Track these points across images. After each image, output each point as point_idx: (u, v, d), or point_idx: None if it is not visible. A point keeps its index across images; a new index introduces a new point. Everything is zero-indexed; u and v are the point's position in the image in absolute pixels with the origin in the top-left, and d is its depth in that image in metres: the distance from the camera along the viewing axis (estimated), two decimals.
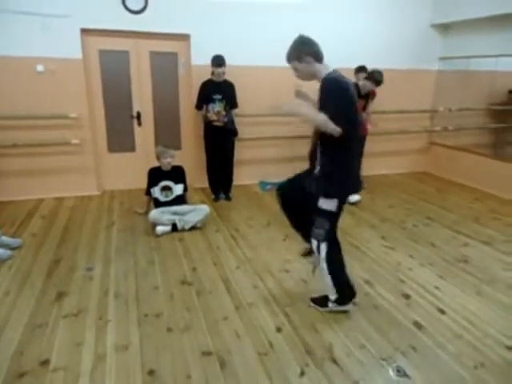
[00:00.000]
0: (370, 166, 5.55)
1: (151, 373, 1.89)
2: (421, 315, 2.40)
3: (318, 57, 2.21)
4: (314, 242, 2.30)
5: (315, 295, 2.49)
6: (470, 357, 2.05)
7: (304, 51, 2.18)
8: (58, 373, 1.88)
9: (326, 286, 2.36)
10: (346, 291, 2.37)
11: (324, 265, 2.29)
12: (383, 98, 5.19)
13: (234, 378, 1.87)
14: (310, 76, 2.23)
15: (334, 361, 2.00)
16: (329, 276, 2.31)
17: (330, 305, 2.40)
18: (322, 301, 2.44)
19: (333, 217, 2.24)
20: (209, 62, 4.09)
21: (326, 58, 2.24)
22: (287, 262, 3.06)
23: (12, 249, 3.10)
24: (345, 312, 2.40)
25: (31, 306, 2.40)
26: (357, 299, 2.43)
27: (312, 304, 2.47)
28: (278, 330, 2.24)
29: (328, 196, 2.19)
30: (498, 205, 4.59)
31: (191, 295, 2.57)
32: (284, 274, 2.88)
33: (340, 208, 2.23)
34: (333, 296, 2.37)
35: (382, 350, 2.09)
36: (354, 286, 2.41)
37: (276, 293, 2.61)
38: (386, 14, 5.23)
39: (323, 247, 2.26)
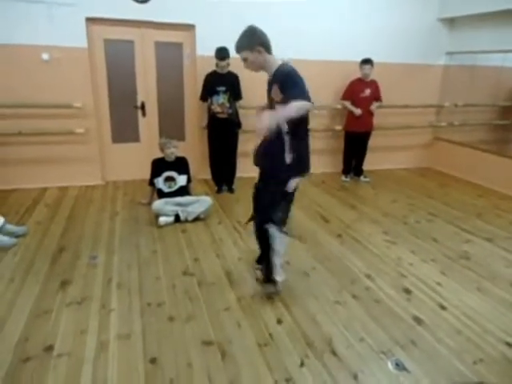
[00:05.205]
0: (375, 161, 5.55)
1: (153, 361, 1.92)
2: (421, 310, 2.41)
3: (268, 48, 2.23)
4: (275, 227, 2.33)
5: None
6: (470, 352, 2.06)
7: (256, 42, 2.20)
8: (62, 359, 1.91)
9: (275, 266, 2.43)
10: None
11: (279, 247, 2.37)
12: (389, 93, 5.16)
13: (235, 368, 1.90)
14: (260, 67, 2.27)
15: (334, 353, 2.02)
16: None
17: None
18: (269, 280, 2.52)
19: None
20: (214, 52, 4.07)
21: (332, 52, 2.23)
22: (288, 254, 3.06)
23: (17, 236, 3.13)
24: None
25: (35, 294, 2.43)
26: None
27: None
28: (279, 321, 2.26)
29: (298, 175, 2.32)
30: (502, 201, 4.57)
31: (193, 286, 2.59)
32: (285, 266, 2.88)
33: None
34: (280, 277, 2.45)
35: (382, 343, 2.10)
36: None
37: None
38: (393, 7, 5.17)
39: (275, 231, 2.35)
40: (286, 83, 2.14)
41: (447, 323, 2.30)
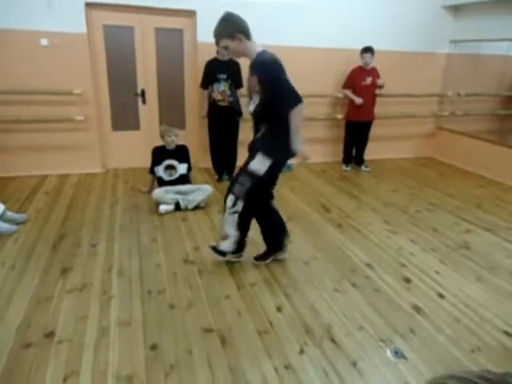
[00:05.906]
0: (376, 150, 5.52)
1: (153, 347, 1.94)
2: (420, 299, 2.42)
3: (247, 34, 2.25)
4: (232, 197, 2.45)
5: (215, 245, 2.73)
6: (467, 340, 2.08)
7: (236, 29, 2.20)
8: (63, 344, 1.93)
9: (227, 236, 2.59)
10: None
11: (236, 218, 2.49)
12: (391, 82, 5.10)
13: (235, 354, 1.91)
14: (242, 53, 2.31)
15: (333, 340, 2.04)
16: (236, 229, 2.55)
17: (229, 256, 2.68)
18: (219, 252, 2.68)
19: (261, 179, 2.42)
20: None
21: (333, 39, 2.20)
22: (288, 243, 3.06)
23: (17, 224, 3.13)
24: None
25: (36, 280, 2.45)
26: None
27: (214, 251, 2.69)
28: (279, 309, 2.27)
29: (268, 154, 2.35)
30: (503, 192, 4.56)
31: (194, 274, 2.60)
32: (285, 254, 2.89)
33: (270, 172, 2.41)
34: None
35: (381, 331, 2.12)
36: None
37: (277, 273, 2.64)
38: None
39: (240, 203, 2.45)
40: (269, 84, 2.20)
41: (446, 312, 2.31)
